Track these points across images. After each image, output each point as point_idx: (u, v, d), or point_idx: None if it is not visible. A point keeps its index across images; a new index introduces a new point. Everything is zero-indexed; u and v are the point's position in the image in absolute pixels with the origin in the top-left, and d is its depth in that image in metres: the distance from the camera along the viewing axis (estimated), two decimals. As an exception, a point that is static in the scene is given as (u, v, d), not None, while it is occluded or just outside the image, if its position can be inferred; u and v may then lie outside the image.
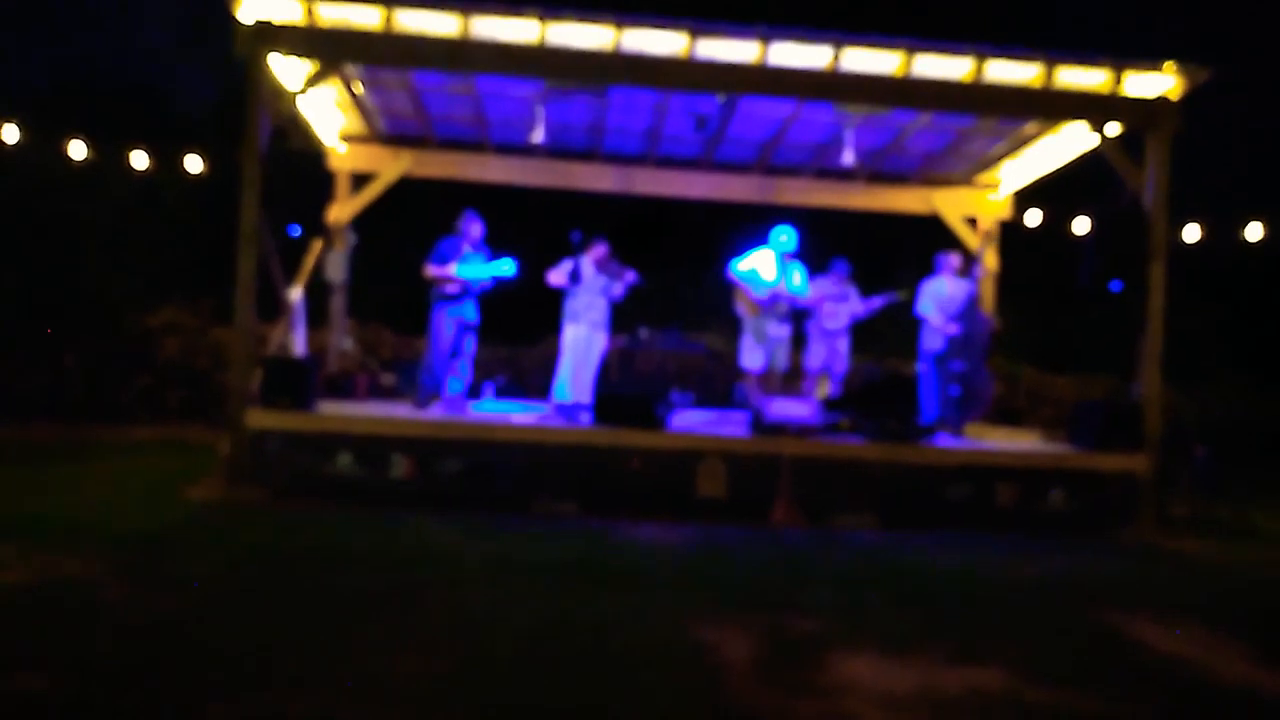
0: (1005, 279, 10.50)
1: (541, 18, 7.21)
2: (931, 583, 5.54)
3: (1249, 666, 4.18)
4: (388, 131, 10.03)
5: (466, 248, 8.23)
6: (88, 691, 3.24)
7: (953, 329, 8.63)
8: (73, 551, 5.03)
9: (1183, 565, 6.50)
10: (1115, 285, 7.74)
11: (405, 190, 10.39)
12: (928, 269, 9.28)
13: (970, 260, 9.19)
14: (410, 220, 13.36)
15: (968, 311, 8.67)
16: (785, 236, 8.60)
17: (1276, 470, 10.68)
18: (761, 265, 8.57)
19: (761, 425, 7.31)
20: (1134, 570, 6.24)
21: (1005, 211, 10.59)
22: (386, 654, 3.75)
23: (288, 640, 3.87)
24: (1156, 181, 7.58)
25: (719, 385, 11.11)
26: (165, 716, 3.09)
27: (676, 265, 16.18)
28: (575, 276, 8.30)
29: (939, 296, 8.92)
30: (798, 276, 8.65)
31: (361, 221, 10.20)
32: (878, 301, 9.47)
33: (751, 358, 8.69)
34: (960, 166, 10.19)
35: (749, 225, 9.70)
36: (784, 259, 8.61)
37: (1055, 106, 7.86)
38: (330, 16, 7.28)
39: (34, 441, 9.38)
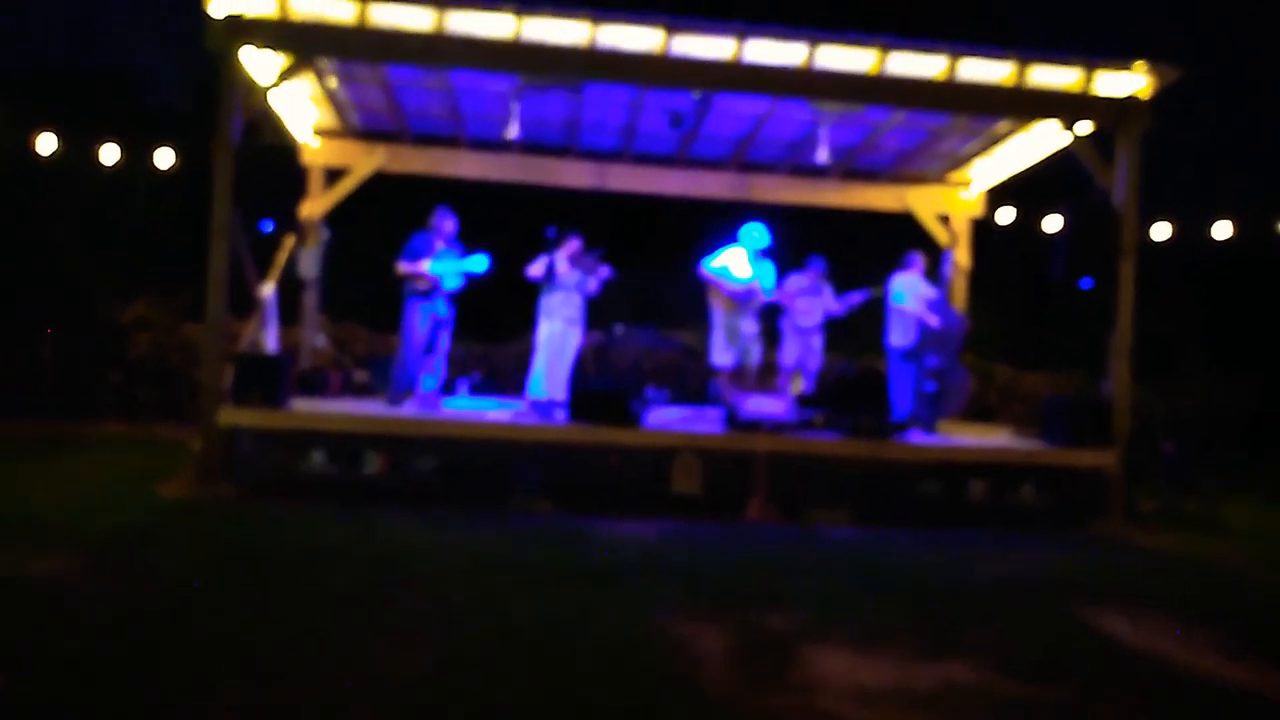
0: (977, 276, 10.57)
1: (517, 12, 7.18)
2: (904, 577, 5.57)
3: (1218, 660, 4.23)
4: (361, 126, 9.96)
5: (440, 244, 8.18)
6: (58, 689, 3.20)
7: (934, 320, 8.65)
8: (41, 550, 4.96)
9: (1152, 559, 6.56)
10: (1086, 282, 7.78)
11: (379, 186, 10.32)
12: (898, 265, 9.29)
13: (940, 256, 9.22)
14: (384, 216, 13.25)
15: (941, 307, 8.72)
16: (757, 233, 8.61)
17: (1245, 465, 10.80)
18: (734, 262, 8.57)
19: (736, 422, 7.32)
20: (1104, 564, 6.30)
21: (977, 209, 10.67)
22: (362, 651, 3.72)
23: (261, 637, 3.83)
24: (1128, 179, 7.65)
25: (694, 382, 11.12)
26: (134, 714, 3.06)
27: (652, 261, 16.14)
28: (550, 272, 8.27)
29: (917, 291, 8.93)
30: (768, 273, 8.67)
31: (335, 217, 10.12)
32: (852, 298, 9.49)
33: (722, 355, 8.70)
34: (933, 164, 10.24)
35: (724, 222, 9.70)
36: (756, 256, 8.62)
37: (1027, 105, 7.91)
38: (303, 10, 7.21)
39: (4, 436, 9.26)
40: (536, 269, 8.33)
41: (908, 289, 8.96)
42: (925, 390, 8.59)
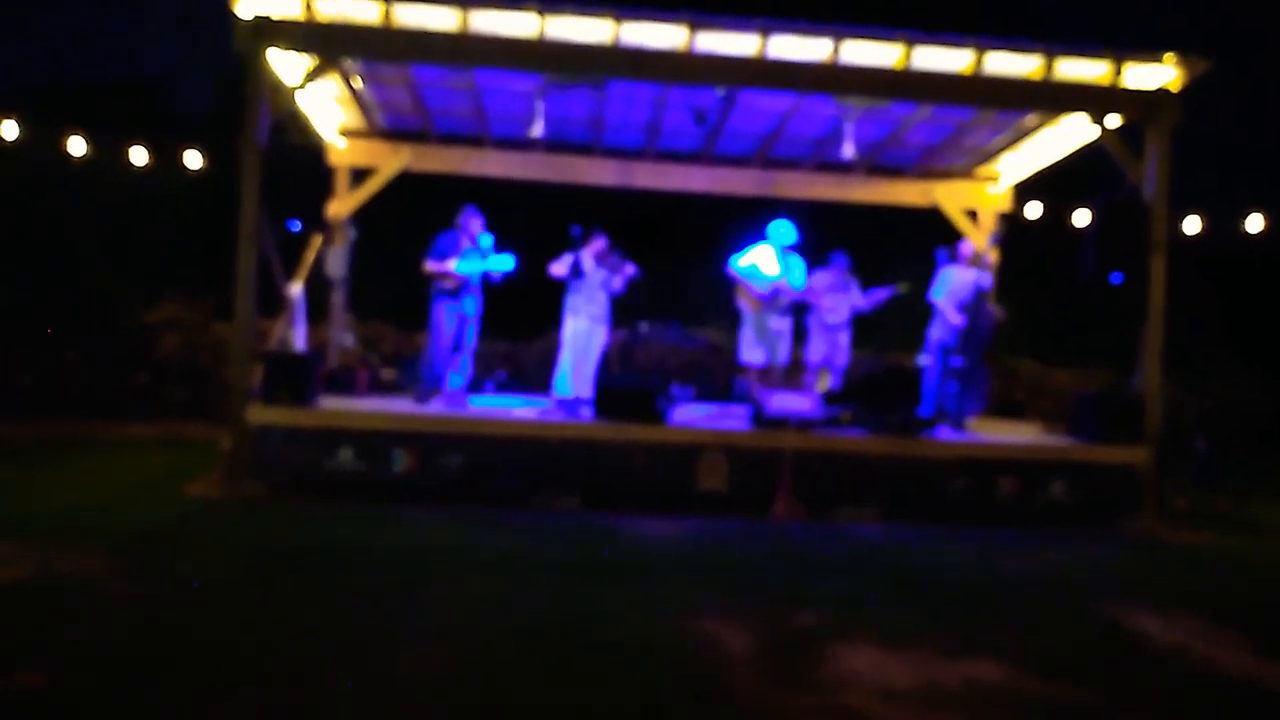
0: (1005, 271, 10.49)
1: (540, 11, 7.19)
2: (932, 575, 5.55)
3: (1250, 658, 4.18)
4: (387, 126, 10.01)
5: (466, 243, 8.22)
6: (88, 688, 3.25)
7: (957, 320, 8.61)
8: (72, 548, 5.03)
9: (1183, 557, 6.50)
10: (1116, 277, 7.71)
11: (405, 185, 10.36)
12: (928, 261, 9.25)
13: (983, 251, 9.16)
14: (410, 215, 13.33)
15: (973, 304, 8.64)
16: (784, 230, 8.59)
17: (1277, 462, 10.67)
18: (762, 260, 8.55)
19: (762, 419, 7.31)
20: (1134, 562, 6.25)
21: (1005, 204, 10.57)
22: (388, 649, 3.75)
23: (288, 636, 3.88)
24: (1158, 173, 7.57)
25: (719, 379, 11.10)
26: (165, 713, 3.09)
27: (677, 259, 16.15)
28: (576, 270, 8.29)
29: (950, 285, 8.90)
30: (796, 270, 8.64)
31: (361, 216, 10.18)
32: (878, 294, 9.44)
33: (752, 352, 8.68)
34: (960, 159, 10.17)
35: (748, 219, 9.67)
36: (784, 252, 8.60)
37: (1055, 99, 7.84)
38: (329, 11, 7.26)
39: (33, 438, 9.38)
40: (561, 267, 8.35)
41: (945, 282, 8.93)
42: (948, 389, 8.55)
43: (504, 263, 8.20)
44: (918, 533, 6.68)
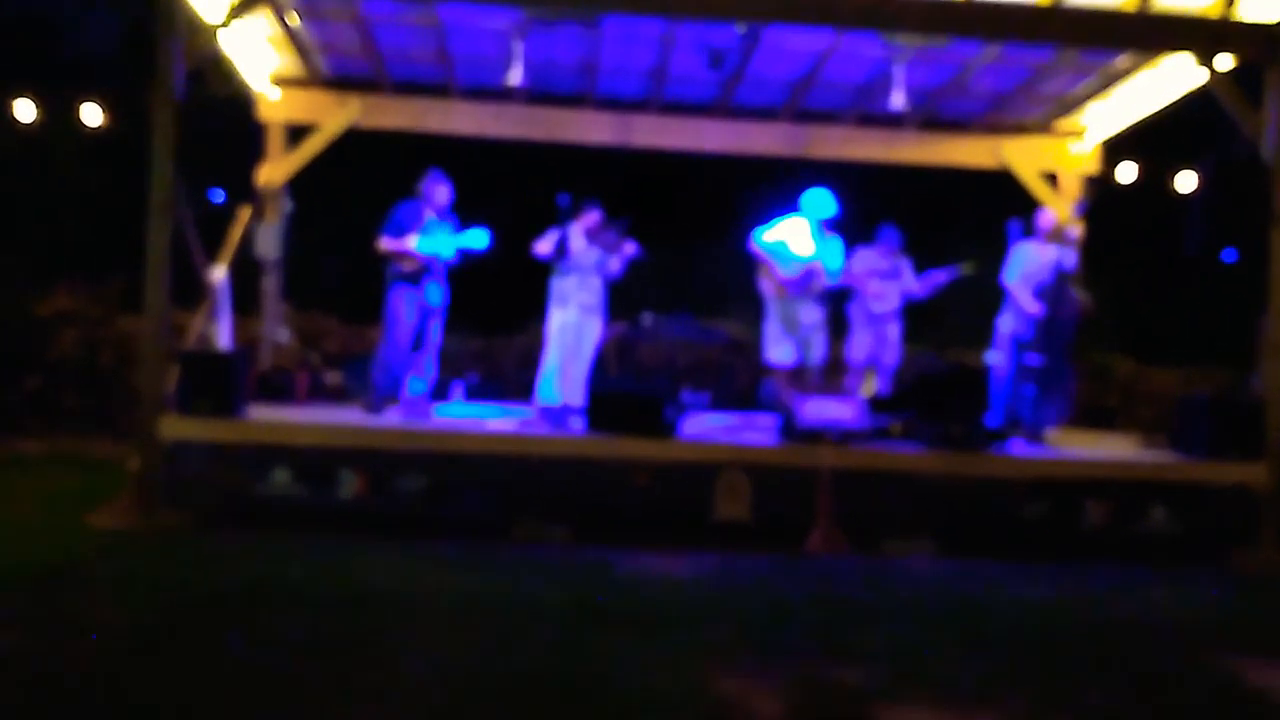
0: (1093, 248, 10.47)
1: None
2: (1002, 623, 5.54)
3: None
4: (330, 73, 10.01)
5: (430, 215, 8.21)
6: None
7: (1034, 308, 8.56)
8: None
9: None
10: (1228, 255, 7.72)
11: (353, 145, 10.38)
12: (997, 237, 9.21)
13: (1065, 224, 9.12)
14: (360, 183, 13.34)
15: (1054, 288, 8.58)
16: (820, 199, 8.58)
17: None
18: (792, 236, 8.54)
19: (794, 431, 7.31)
20: (1253, 604, 6.25)
21: (1092, 165, 10.56)
22: (337, 713, 3.74)
23: (210, 700, 3.87)
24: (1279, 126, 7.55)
25: (742, 382, 11.12)
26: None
27: (688, 235, 16.16)
28: (563, 250, 8.29)
29: (1025, 265, 8.82)
30: (835, 250, 8.63)
31: (299, 184, 10.19)
32: (936, 278, 9.43)
33: (779, 350, 8.67)
34: (1036, 110, 10.16)
35: (776, 185, 9.68)
36: (819, 227, 8.58)
37: (1153, 35, 7.84)
38: (258, -69, 7.27)
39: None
40: (546, 245, 8.35)
41: (1018, 262, 8.86)
42: (1024, 392, 8.53)
43: (477, 240, 8.21)
44: (985, 570, 6.67)
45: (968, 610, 5.77)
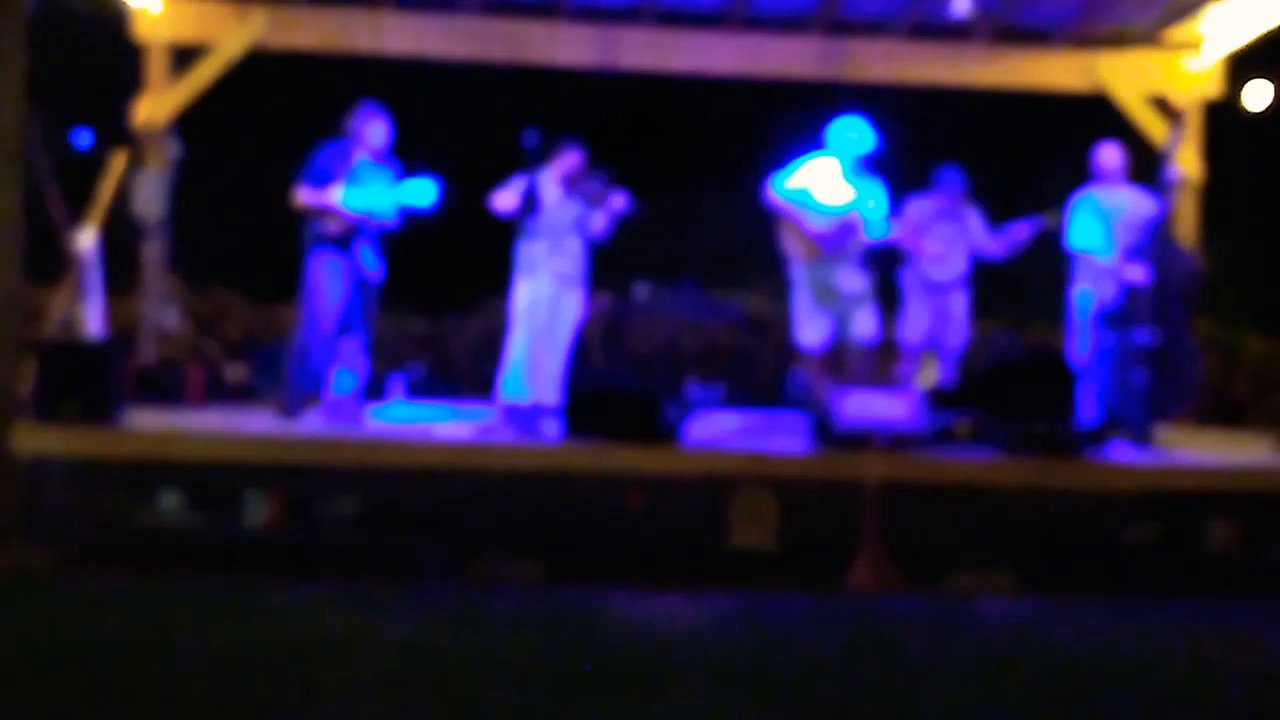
0: (1211, 195, 10.45)
1: None
2: (1100, 677, 5.54)
3: None
4: (228, -23, 9.99)
5: (361, 159, 8.17)
6: None
7: (1136, 274, 8.50)
8: None
9: None
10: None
11: (258, 72, 10.34)
12: (1084, 177, 9.16)
13: (1158, 161, 9.10)
14: (269, 120, 13.32)
15: (1155, 246, 8.55)
16: (857, 132, 8.55)
17: None
18: (821, 180, 8.51)
19: (831, 434, 7.30)
20: None
21: (1212, 87, 10.54)
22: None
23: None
24: None
25: (763, 371, 11.13)
26: None
27: (692, 183, 16.16)
28: (532, 203, 8.24)
29: (1103, 218, 8.77)
30: (877, 195, 8.59)
31: (189, 123, 10.17)
32: (1016, 233, 9.38)
33: (811, 329, 8.65)
34: (1140, 15, 10.13)
35: (803, 116, 9.65)
36: (856, 168, 8.54)
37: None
38: None
39: None
40: (510, 198, 8.31)
41: (1086, 216, 8.80)
42: (1132, 381, 8.49)
43: (422, 192, 8.17)
44: (1077, 611, 6.68)
45: (1056, 662, 5.75)
